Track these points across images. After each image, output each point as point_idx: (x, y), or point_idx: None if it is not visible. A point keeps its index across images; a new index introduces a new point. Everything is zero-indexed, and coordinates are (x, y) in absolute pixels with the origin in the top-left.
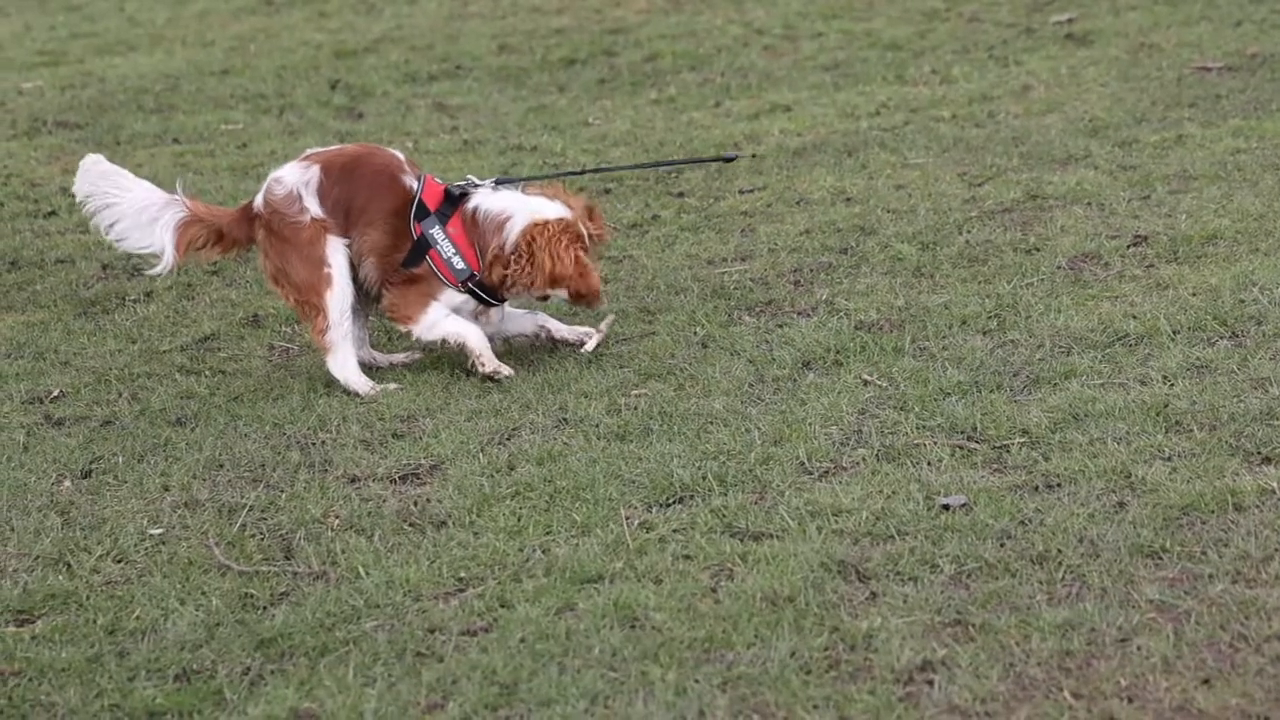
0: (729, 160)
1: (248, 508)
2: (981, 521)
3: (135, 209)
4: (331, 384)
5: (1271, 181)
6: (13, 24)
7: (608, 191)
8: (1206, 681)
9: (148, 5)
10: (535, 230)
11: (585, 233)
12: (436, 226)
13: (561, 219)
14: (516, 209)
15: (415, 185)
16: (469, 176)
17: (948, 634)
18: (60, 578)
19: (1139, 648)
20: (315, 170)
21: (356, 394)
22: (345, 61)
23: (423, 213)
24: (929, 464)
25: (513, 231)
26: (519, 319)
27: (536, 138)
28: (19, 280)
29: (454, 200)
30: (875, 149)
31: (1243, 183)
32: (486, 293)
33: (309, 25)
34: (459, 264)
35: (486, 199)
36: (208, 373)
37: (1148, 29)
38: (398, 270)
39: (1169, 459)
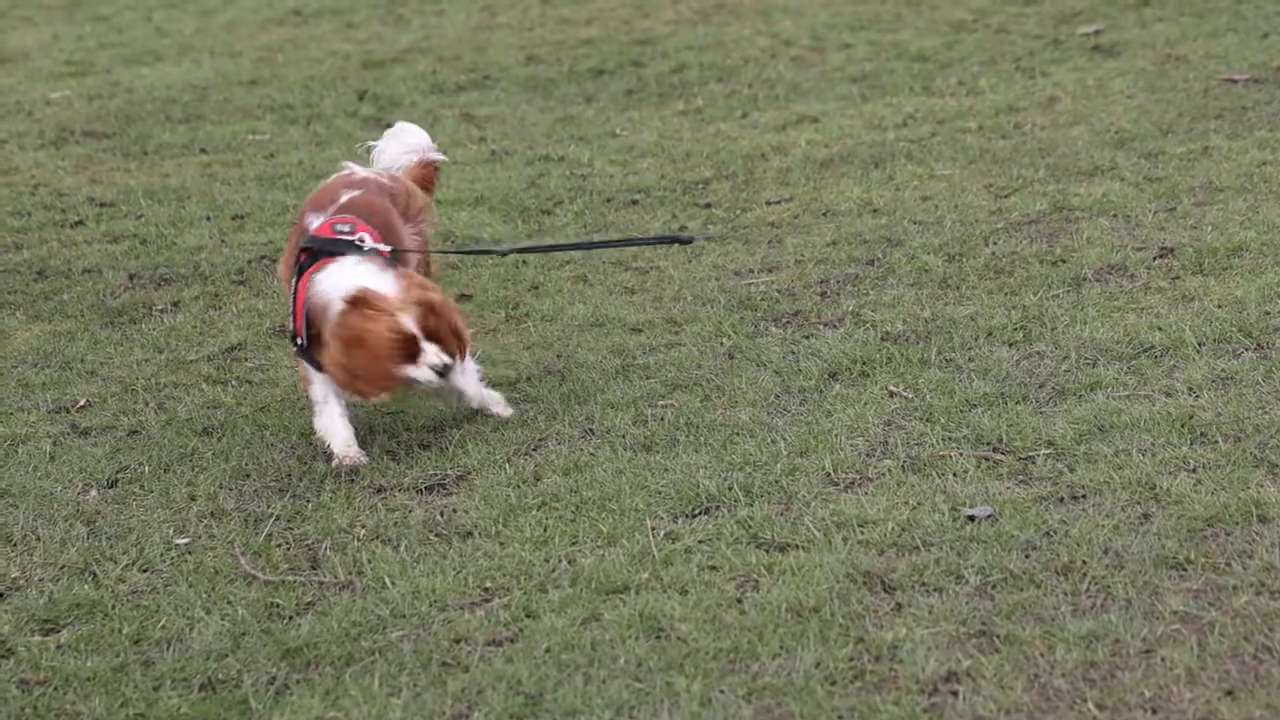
0: (686, 242)
1: (274, 517)
2: (1006, 533)
3: None
4: None
5: None
6: (40, 34)
7: (634, 203)
8: (1230, 693)
9: (175, 16)
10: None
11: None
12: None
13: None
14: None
15: (311, 227)
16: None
17: (973, 645)
18: (86, 587)
19: (1163, 659)
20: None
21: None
22: (373, 72)
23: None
24: (954, 475)
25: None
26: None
27: (564, 148)
28: (46, 290)
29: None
30: (902, 160)
31: (1269, 195)
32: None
33: (337, 36)
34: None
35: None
36: (234, 382)
37: (1174, 41)
38: None
39: (1194, 471)
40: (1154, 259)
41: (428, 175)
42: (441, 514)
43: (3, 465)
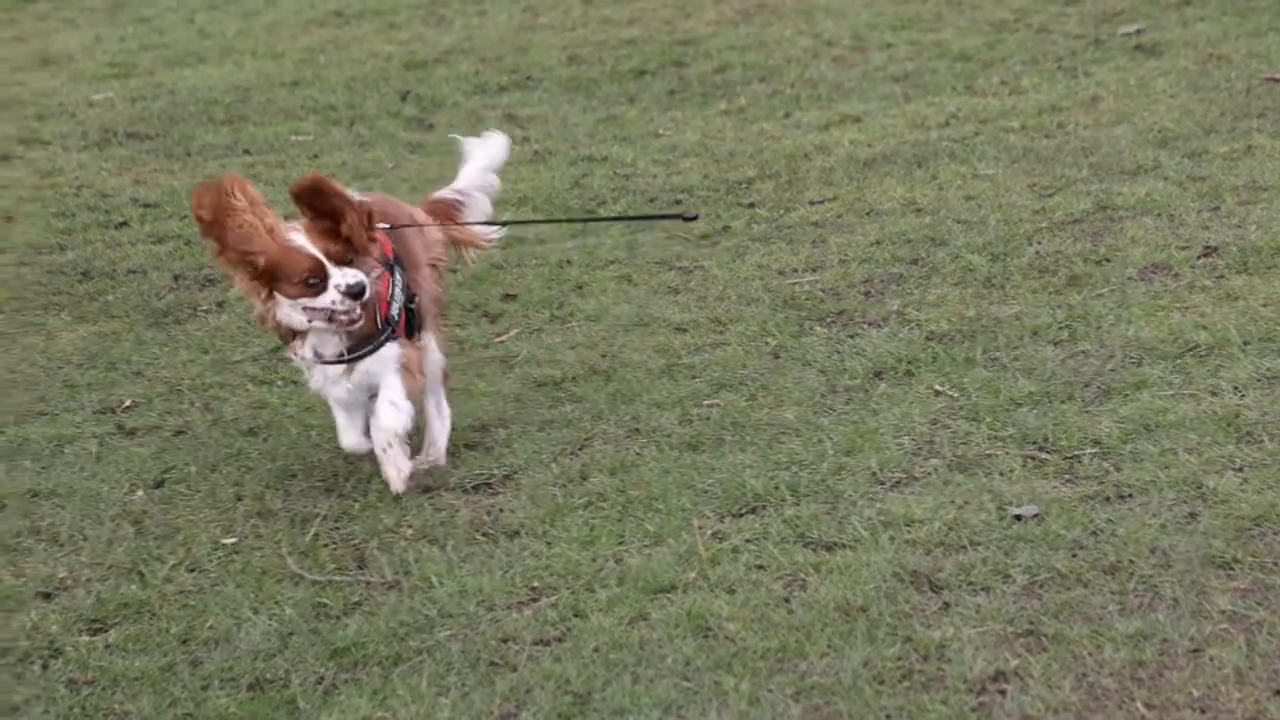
0: (690, 219)
1: (321, 517)
2: (1053, 532)
3: None
4: None
5: None
6: (83, 36)
7: (678, 203)
8: (1279, 693)
9: (218, 17)
10: None
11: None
12: None
13: None
14: None
15: None
16: None
17: (1020, 644)
18: (134, 587)
19: (1211, 658)
20: None
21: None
22: (415, 73)
23: None
24: (1000, 474)
25: None
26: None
27: (607, 148)
28: (91, 290)
29: None
30: (945, 160)
31: None
32: None
33: (379, 37)
34: None
35: None
36: (280, 383)
37: (1216, 40)
38: None
39: (1240, 470)
40: (1198, 258)
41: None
42: (488, 513)
43: (49, 466)
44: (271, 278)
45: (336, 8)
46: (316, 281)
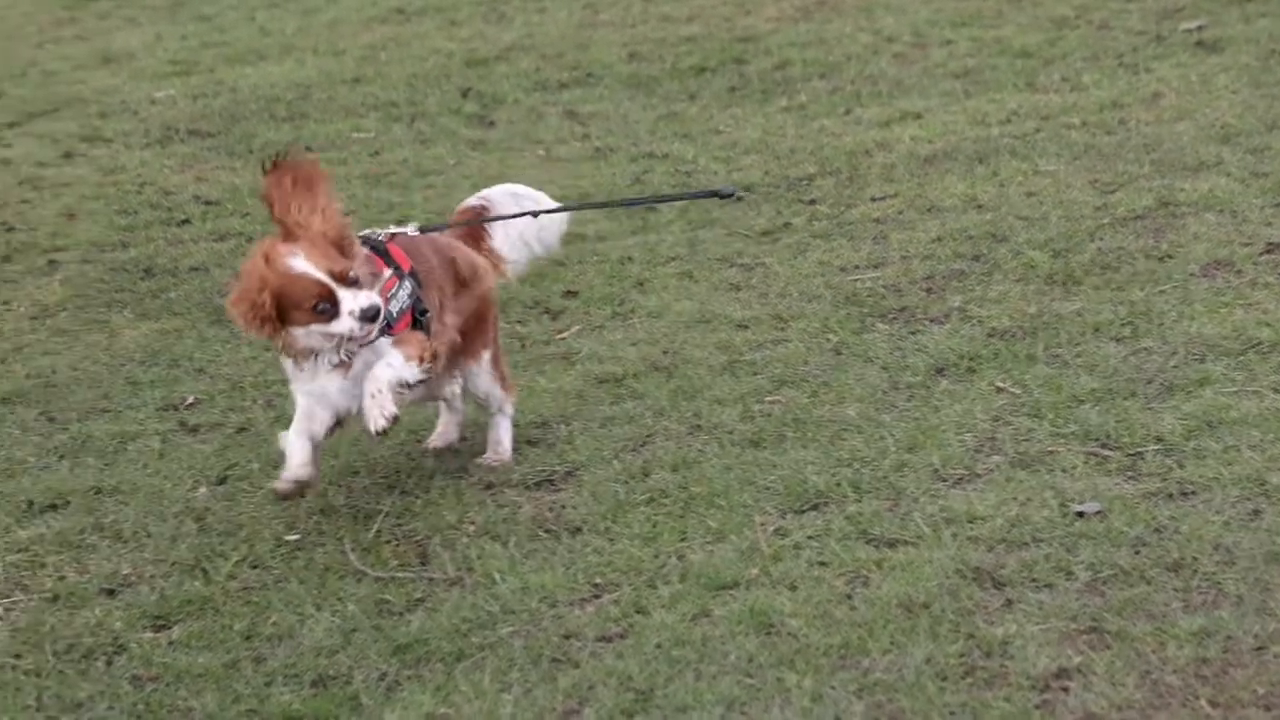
0: (726, 196)
1: (383, 514)
2: (1116, 529)
3: None
4: (465, 394)
5: None
6: (144, 34)
7: (740, 199)
8: None
9: (278, 15)
10: None
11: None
12: None
13: None
14: None
15: None
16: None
17: (1083, 641)
18: (197, 583)
19: (1276, 656)
20: None
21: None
22: (476, 70)
23: None
24: (1063, 471)
25: None
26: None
27: (668, 145)
28: (153, 288)
29: None
30: (1006, 156)
31: None
32: None
33: (440, 34)
34: None
35: None
36: None
37: (1278, 36)
38: None
39: None
40: (1261, 254)
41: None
42: (550, 510)
43: (113, 463)
44: (279, 310)
45: (398, 5)
46: (328, 308)
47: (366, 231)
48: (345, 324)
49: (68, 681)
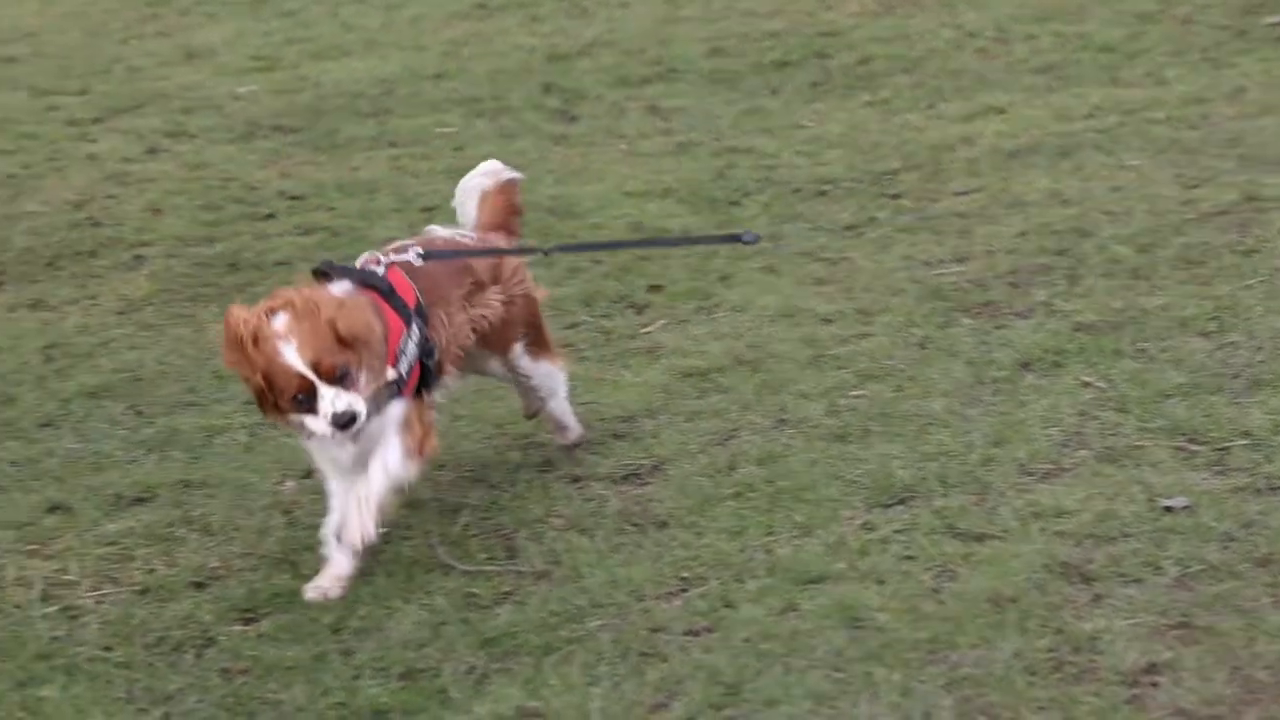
0: (749, 243)
1: (470, 507)
2: (1204, 524)
3: None
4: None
5: None
6: (225, 29)
7: (823, 194)
8: None
9: (361, 11)
10: None
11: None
12: None
13: None
14: None
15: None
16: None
17: (1173, 636)
18: (285, 577)
19: None
20: None
21: None
22: (558, 65)
23: None
24: (1150, 466)
25: None
26: None
27: (750, 140)
28: (238, 282)
29: None
30: (1090, 151)
31: None
32: None
33: (521, 29)
34: None
35: None
36: None
37: None
38: None
39: None
40: None
41: (510, 198)
42: (637, 504)
43: (200, 456)
44: (270, 394)
45: (479, 0)
46: (305, 399)
47: (366, 256)
48: (319, 425)
49: (157, 674)
